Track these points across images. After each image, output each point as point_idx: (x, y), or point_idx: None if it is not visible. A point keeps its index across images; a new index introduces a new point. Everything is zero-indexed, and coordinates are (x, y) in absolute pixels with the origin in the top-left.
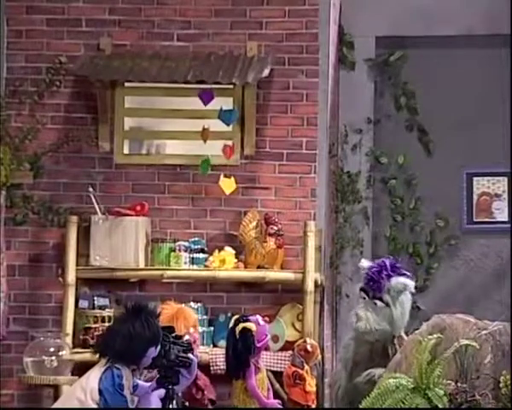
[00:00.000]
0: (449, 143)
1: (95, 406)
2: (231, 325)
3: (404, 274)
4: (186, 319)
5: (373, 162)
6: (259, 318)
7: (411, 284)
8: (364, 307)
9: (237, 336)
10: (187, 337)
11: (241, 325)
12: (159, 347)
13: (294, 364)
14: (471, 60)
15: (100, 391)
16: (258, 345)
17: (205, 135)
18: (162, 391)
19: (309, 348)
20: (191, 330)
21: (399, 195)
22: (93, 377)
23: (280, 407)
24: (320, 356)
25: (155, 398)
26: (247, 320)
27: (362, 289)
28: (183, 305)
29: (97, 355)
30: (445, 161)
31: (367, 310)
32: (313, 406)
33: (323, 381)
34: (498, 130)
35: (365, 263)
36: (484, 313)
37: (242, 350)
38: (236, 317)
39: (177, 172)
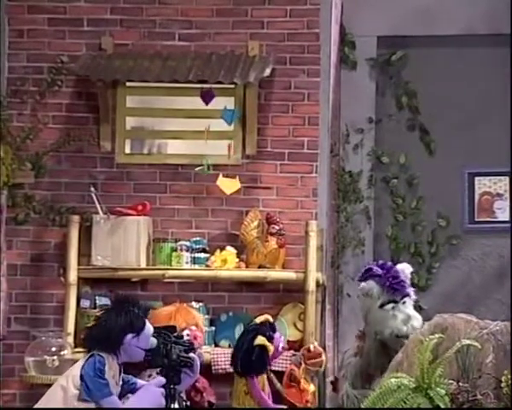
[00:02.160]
0: (450, 142)
1: (76, 391)
2: (252, 326)
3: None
4: (187, 315)
5: (374, 162)
6: (281, 344)
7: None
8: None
9: (253, 347)
10: (186, 332)
11: (261, 340)
12: (142, 337)
13: (293, 362)
14: (473, 59)
15: (81, 377)
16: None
17: (204, 135)
18: (161, 379)
19: (311, 347)
20: (193, 328)
21: (401, 194)
22: (77, 365)
23: (282, 406)
24: (324, 362)
25: (152, 387)
26: (271, 339)
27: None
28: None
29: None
30: (446, 161)
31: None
32: (309, 405)
33: (325, 380)
34: (500, 129)
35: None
36: (485, 313)
37: (254, 364)
38: (261, 321)
39: (179, 172)
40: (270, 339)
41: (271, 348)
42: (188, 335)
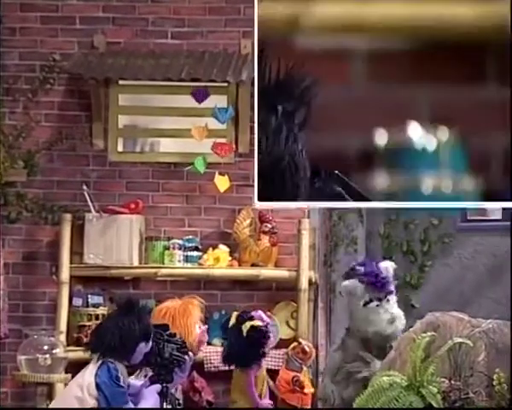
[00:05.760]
0: None
1: (93, 401)
2: (233, 322)
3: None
4: (193, 315)
5: None
6: (262, 314)
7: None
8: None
9: (245, 335)
10: (198, 329)
11: (248, 324)
12: (150, 343)
13: (292, 368)
14: None
15: (97, 385)
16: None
17: (200, 133)
18: (158, 386)
19: (306, 348)
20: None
21: None
22: (88, 373)
23: (271, 407)
24: (314, 356)
25: (153, 393)
26: (252, 318)
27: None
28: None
29: (89, 352)
30: None
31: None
32: (308, 406)
33: (318, 380)
34: None
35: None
36: (478, 311)
37: (254, 349)
38: (237, 314)
39: (171, 170)
40: (252, 318)
41: (259, 323)
42: (200, 328)
